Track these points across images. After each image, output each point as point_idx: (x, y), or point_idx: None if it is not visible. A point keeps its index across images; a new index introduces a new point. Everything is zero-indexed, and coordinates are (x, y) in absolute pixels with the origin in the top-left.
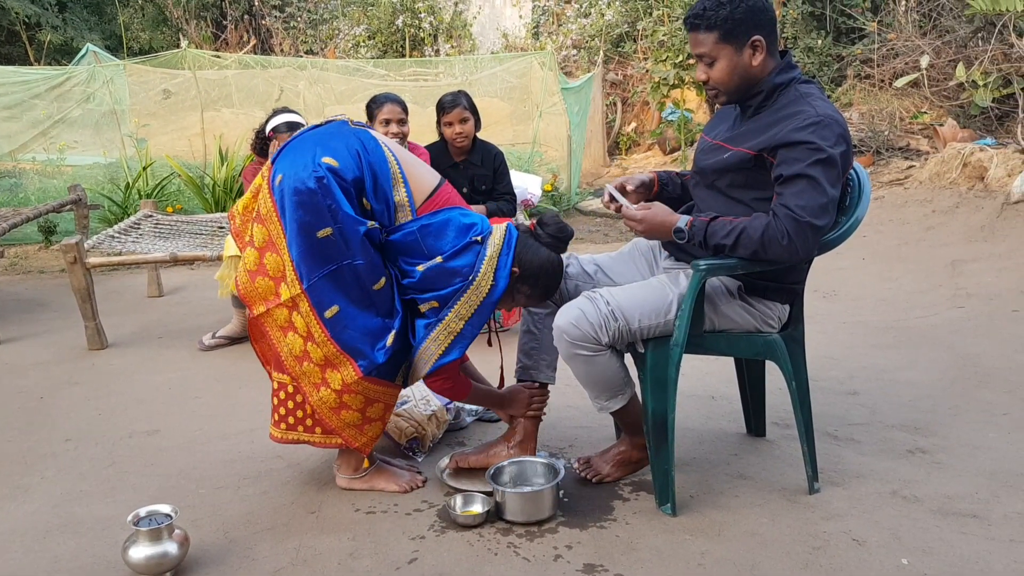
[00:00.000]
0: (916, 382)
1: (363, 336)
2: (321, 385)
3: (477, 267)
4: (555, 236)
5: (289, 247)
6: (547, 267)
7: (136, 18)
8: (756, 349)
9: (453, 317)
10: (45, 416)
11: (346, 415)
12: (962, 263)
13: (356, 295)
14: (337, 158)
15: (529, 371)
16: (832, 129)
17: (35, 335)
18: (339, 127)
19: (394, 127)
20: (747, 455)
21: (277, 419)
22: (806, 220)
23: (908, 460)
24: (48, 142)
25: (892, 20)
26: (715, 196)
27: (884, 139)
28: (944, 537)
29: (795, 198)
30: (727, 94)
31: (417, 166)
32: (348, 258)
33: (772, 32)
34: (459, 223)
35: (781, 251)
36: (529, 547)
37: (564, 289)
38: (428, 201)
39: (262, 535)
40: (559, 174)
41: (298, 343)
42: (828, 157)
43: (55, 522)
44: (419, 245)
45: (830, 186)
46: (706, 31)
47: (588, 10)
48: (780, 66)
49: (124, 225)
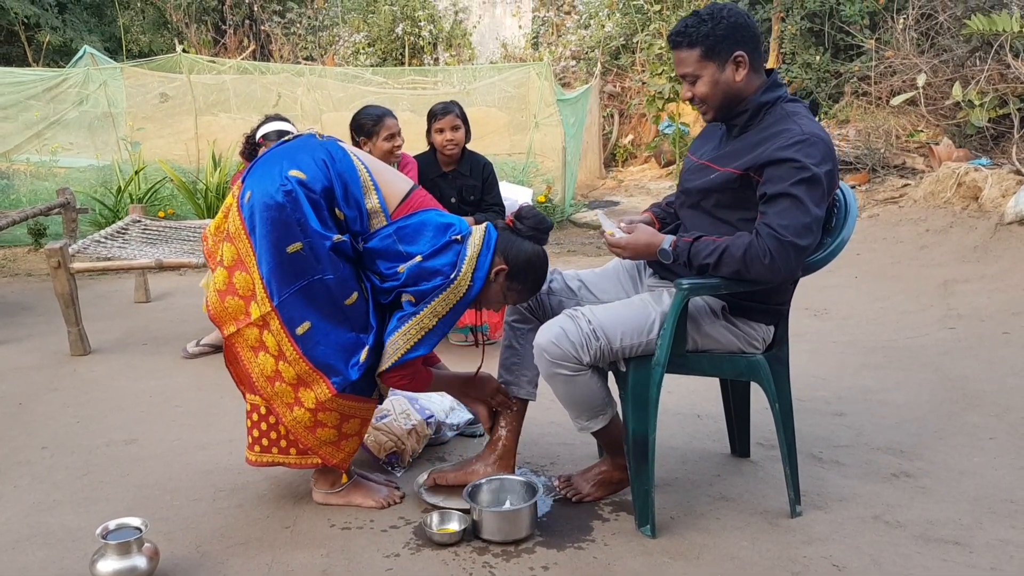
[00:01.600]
0: (903, 404)
1: (336, 352)
2: (294, 405)
3: (459, 266)
4: (535, 228)
5: (259, 264)
6: (532, 260)
7: (136, 21)
8: (739, 370)
9: (428, 313)
10: (23, 423)
11: (322, 433)
12: (954, 283)
13: (328, 310)
14: (304, 170)
15: (510, 387)
16: (817, 148)
17: (18, 339)
18: (306, 140)
19: (398, 140)
20: (730, 476)
21: (251, 441)
22: (788, 240)
23: (892, 484)
24: (42, 144)
25: (890, 38)
26: (701, 216)
27: (880, 157)
28: (925, 564)
29: (778, 217)
30: (714, 110)
31: (387, 172)
32: (319, 273)
33: (756, 49)
34: (436, 223)
35: (763, 270)
36: (505, 567)
37: (547, 304)
38: (401, 205)
39: (235, 549)
40: (554, 185)
41: (269, 363)
42: (812, 176)
43: (25, 532)
44: (396, 248)
45: (814, 205)
46: (688, 48)
47: (588, 22)
48: (766, 84)
49: (111, 230)
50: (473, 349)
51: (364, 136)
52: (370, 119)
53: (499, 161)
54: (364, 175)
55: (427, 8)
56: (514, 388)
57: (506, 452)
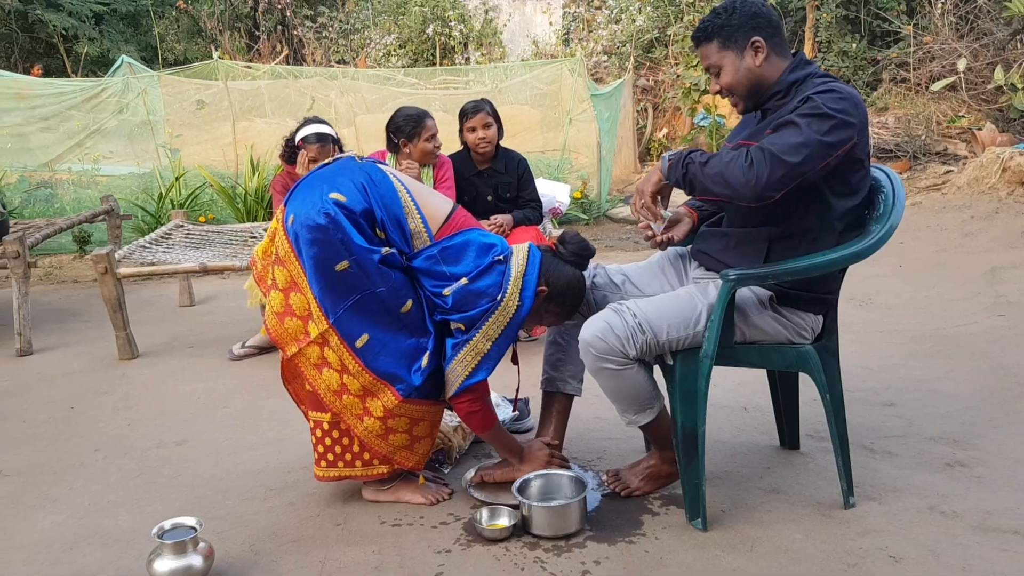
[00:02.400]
0: (954, 393)
1: (397, 360)
2: (364, 415)
3: (504, 287)
4: (577, 254)
5: (311, 284)
6: (573, 284)
7: (171, 30)
8: (788, 361)
9: (481, 338)
10: (75, 426)
11: (394, 439)
12: (1002, 270)
13: (385, 320)
14: (344, 193)
15: (555, 382)
16: (837, 94)
17: (67, 345)
18: (346, 163)
19: (437, 140)
20: (780, 468)
21: (317, 457)
22: (772, 152)
23: (946, 474)
24: (83, 153)
25: (928, 23)
26: None
27: (921, 144)
28: (984, 555)
29: (771, 138)
30: (743, 99)
31: (428, 195)
32: (369, 287)
33: (774, 34)
34: (479, 243)
35: (740, 174)
36: (556, 562)
37: (591, 299)
38: (444, 226)
39: (288, 547)
40: (589, 181)
41: (334, 378)
42: (822, 112)
43: (82, 533)
44: (440, 268)
45: (811, 132)
46: (707, 42)
47: (619, 16)
48: (792, 64)
49: (155, 235)
50: (515, 346)
51: (404, 138)
52: (410, 122)
53: (533, 159)
54: (405, 197)
55: (457, 8)
56: (559, 383)
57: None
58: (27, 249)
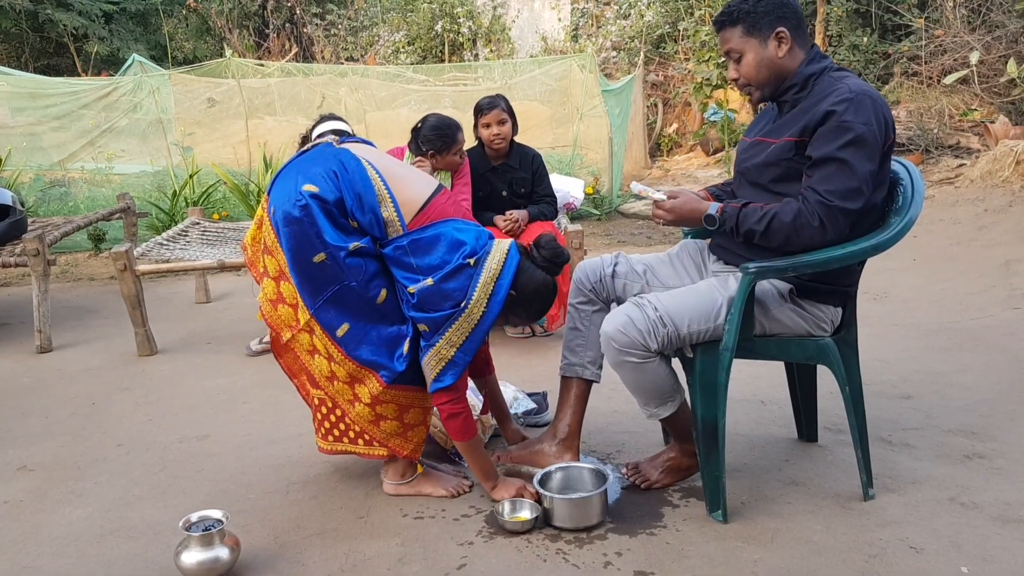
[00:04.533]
0: (971, 386)
1: (379, 348)
2: (355, 401)
3: (470, 293)
4: (551, 260)
5: (291, 275)
6: (542, 291)
7: (180, 28)
8: (808, 353)
9: (444, 344)
10: (97, 422)
11: (385, 425)
12: (1016, 263)
13: (363, 310)
14: (316, 183)
15: (574, 367)
16: (865, 105)
17: (86, 342)
18: (322, 151)
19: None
20: (799, 461)
21: (324, 432)
22: (836, 205)
23: (965, 466)
24: (96, 151)
25: (940, 16)
26: (759, 193)
27: (933, 137)
28: (1005, 545)
29: (824, 183)
30: (759, 88)
31: (404, 179)
32: (344, 280)
33: (798, 26)
34: (450, 238)
35: (813, 234)
36: (578, 554)
37: (611, 287)
38: (419, 215)
39: (312, 540)
40: (600, 177)
41: (324, 365)
42: (858, 136)
43: (108, 527)
44: (408, 260)
45: (862, 167)
46: (731, 27)
47: (628, 11)
48: (809, 56)
49: (172, 232)
50: (531, 341)
51: (434, 150)
52: (441, 138)
53: (543, 155)
54: (378, 184)
55: (466, 4)
56: (579, 368)
57: (570, 434)
58: (47, 247)
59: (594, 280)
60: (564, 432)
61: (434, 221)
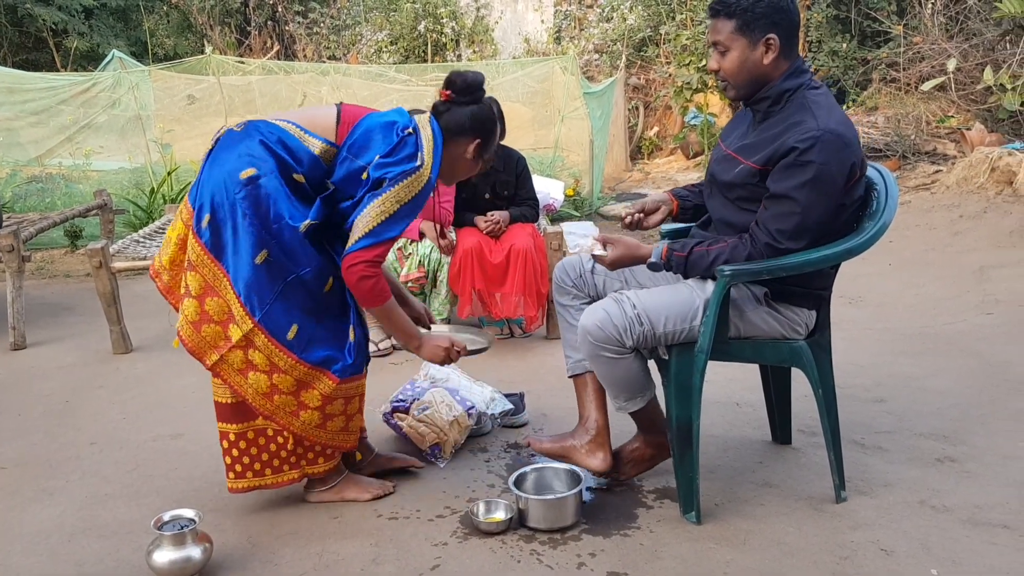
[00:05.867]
0: (944, 390)
1: (330, 343)
2: (300, 410)
3: (420, 155)
4: (466, 90)
5: (234, 283)
6: (479, 115)
7: (161, 24)
8: (782, 356)
9: (391, 197)
10: (70, 419)
11: (332, 424)
12: (990, 269)
13: (309, 306)
14: (251, 165)
15: (581, 363)
16: (829, 145)
17: (60, 339)
18: (230, 138)
19: None
20: (773, 463)
21: (226, 469)
22: (783, 246)
23: (937, 469)
24: (74, 147)
25: (918, 23)
26: (727, 206)
27: (910, 143)
28: (974, 548)
29: (775, 221)
30: (735, 88)
31: (308, 113)
32: (294, 271)
33: (790, 36)
34: (380, 124)
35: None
36: (552, 554)
37: (592, 283)
38: (340, 127)
39: (285, 539)
40: (581, 179)
41: (262, 380)
42: (816, 176)
43: (80, 525)
44: (356, 163)
45: (815, 209)
46: (725, 18)
47: (610, 15)
48: (790, 70)
49: (149, 229)
50: (509, 342)
51: None
52: None
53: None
54: (294, 129)
55: (449, 5)
56: (586, 364)
57: (599, 430)
58: (21, 243)
59: (574, 276)
60: (594, 428)
61: (356, 122)
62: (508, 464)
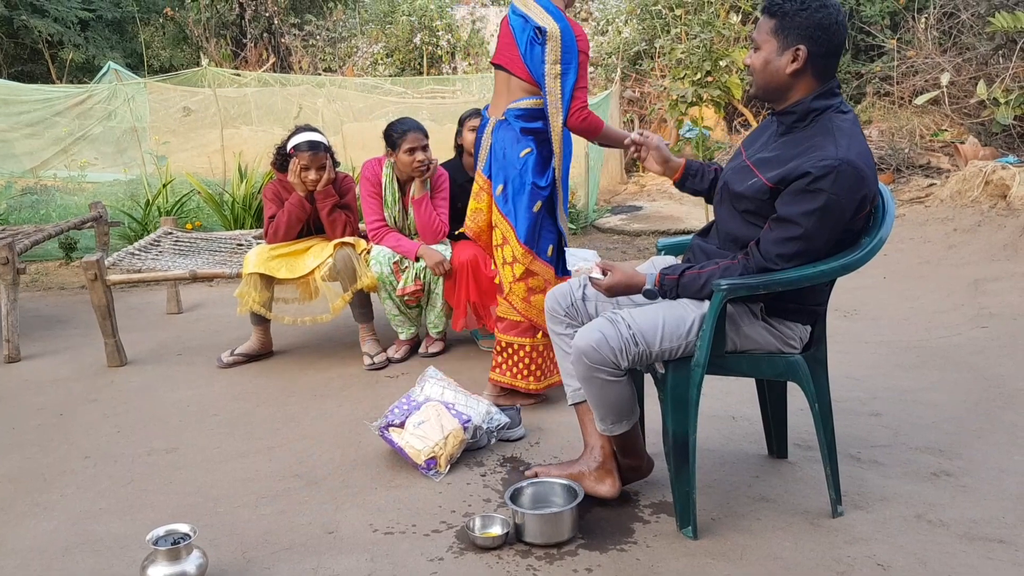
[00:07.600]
0: (940, 403)
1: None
2: (514, 282)
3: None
4: None
5: (517, 233)
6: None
7: (157, 36)
8: (778, 370)
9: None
10: (64, 433)
11: (535, 299)
12: (984, 282)
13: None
14: (526, 146)
15: (580, 392)
16: (845, 176)
17: (55, 352)
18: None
19: (419, 155)
20: (769, 477)
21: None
22: (778, 269)
23: (933, 483)
24: (69, 159)
25: (912, 37)
26: (734, 217)
27: (904, 157)
28: (970, 563)
29: (777, 245)
30: (755, 87)
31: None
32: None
33: (826, 57)
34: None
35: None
36: (548, 570)
37: (584, 310)
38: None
39: (280, 555)
40: (576, 191)
41: (508, 273)
42: (825, 205)
43: (74, 540)
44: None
45: (819, 237)
46: (769, 16)
47: (605, 28)
48: (821, 90)
49: (144, 242)
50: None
51: (390, 147)
52: (396, 132)
53: None
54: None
55: (445, 18)
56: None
57: (606, 457)
58: (16, 255)
59: (566, 305)
60: (600, 455)
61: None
62: (504, 478)
